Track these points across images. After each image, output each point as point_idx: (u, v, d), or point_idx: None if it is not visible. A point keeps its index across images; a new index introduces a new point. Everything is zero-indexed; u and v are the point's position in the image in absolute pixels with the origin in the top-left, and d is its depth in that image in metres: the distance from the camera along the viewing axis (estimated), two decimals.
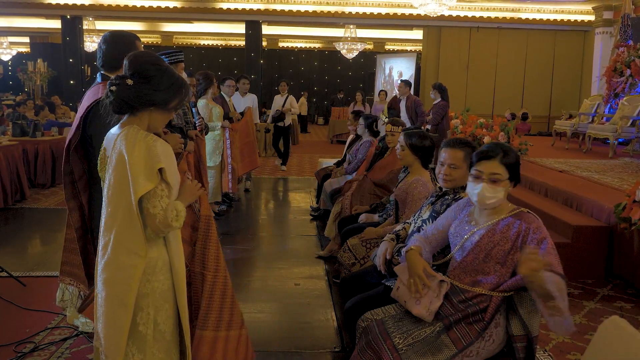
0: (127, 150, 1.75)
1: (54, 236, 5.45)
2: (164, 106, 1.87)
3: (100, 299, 1.83)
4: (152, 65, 1.84)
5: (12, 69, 19.60)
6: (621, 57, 9.12)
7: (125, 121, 1.86)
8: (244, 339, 2.23)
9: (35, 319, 3.30)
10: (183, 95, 1.90)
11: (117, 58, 2.34)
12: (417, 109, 7.94)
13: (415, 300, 2.01)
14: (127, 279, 1.78)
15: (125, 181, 1.75)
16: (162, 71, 1.85)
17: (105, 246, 1.81)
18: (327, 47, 20.44)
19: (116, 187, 1.79)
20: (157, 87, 1.83)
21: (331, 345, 3.05)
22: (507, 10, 13.64)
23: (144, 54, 1.90)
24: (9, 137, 7.36)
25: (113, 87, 1.80)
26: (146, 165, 1.75)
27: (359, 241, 3.27)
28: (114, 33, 2.60)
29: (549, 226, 4.60)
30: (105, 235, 1.81)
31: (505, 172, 1.98)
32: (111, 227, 1.80)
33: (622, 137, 7.87)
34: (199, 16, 14.15)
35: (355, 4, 13.45)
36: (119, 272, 1.78)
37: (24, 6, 13.17)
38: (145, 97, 1.81)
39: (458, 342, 1.94)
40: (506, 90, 14.27)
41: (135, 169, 1.74)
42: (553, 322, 1.72)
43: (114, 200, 1.80)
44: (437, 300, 2.00)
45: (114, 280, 1.79)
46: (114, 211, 1.79)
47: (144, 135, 1.80)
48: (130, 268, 1.78)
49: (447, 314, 2.00)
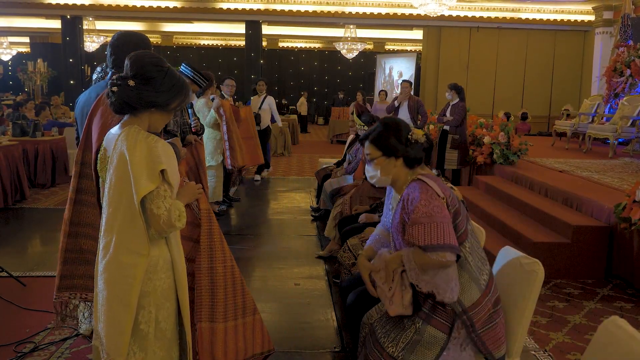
0: (129, 151, 1.76)
1: (54, 236, 5.45)
2: (165, 107, 1.87)
3: (101, 299, 1.83)
4: (154, 67, 1.84)
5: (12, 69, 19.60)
6: (621, 57, 9.12)
7: (126, 121, 1.86)
8: (259, 323, 2.29)
9: (35, 319, 3.30)
10: (184, 96, 1.92)
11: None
12: (420, 109, 7.95)
13: (388, 301, 2.01)
14: (129, 278, 1.78)
15: (126, 181, 1.76)
16: (164, 72, 1.86)
17: (107, 246, 1.81)
18: (327, 47, 20.45)
19: (117, 187, 1.79)
20: (158, 88, 1.83)
21: (331, 345, 3.05)
22: (507, 10, 13.65)
23: (146, 55, 1.90)
24: (9, 137, 7.36)
25: (115, 87, 1.81)
26: (148, 165, 1.76)
27: (359, 241, 3.27)
28: (124, 33, 2.61)
29: (549, 226, 4.62)
30: (107, 236, 1.82)
31: (375, 150, 2.07)
32: (112, 227, 1.80)
33: (622, 137, 7.87)
34: (199, 16, 14.15)
35: (355, 4, 13.45)
36: (120, 272, 1.79)
37: (24, 6, 13.17)
38: (146, 99, 1.82)
39: (442, 326, 1.94)
40: (506, 90, 14.27)
41: (137, 169, 1.74)
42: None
43: (114, 200, 1.80)
44: (407, 291, 1.99)
45: (114, 280, 1.79)
46: (114, 211, 1.80)
47: (145, 135, 1.80)
48: (131, 267, 1.78)
49: (422, 300, 2.00)
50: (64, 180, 7.97)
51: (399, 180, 2.08)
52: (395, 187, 2.12)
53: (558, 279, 4.20)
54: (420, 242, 1.88)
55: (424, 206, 1.89)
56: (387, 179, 2.08)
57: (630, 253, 4.05)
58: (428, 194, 1.92)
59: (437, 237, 1.86)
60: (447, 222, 1.90)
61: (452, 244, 1.88)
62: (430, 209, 1.89)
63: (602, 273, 4.29)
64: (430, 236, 1.87)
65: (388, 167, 2.06)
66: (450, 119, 7.06)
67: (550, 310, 3.61)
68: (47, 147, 7.71)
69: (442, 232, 1.87)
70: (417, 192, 1.93)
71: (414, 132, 2.07)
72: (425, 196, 1.91)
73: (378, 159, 2.06)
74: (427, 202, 1.90)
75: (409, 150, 2.04)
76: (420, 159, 2.08)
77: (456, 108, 7.05)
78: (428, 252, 1.88)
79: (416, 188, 1.95)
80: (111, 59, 2.58)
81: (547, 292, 3.92)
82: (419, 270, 1.94)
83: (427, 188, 1.94)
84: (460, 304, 1.93)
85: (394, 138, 2.04)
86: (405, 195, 1.98)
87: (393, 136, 2.05)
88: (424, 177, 2.01)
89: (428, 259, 1.89)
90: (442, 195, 1.95)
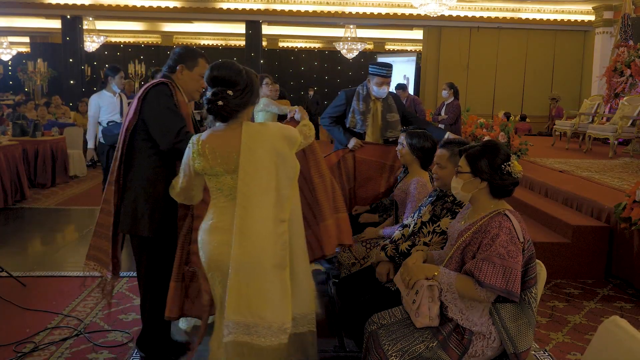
0: (281, 146, 2.10)
1: (54, 236, 5.45)
2: (254, 101, 2.16)
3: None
4: (239, 73, 2.08)
5: (12, 69, 19.58)
6: (621, 57, 9.12)
7: (233, 125, 2.10)
8: (345, 218, 2.68)
9: (35, 319, 3.30)
10: (258, 87, 2.19)
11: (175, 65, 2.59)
12: (417, 108, 7.96)
13: (414, 313, 2.02)
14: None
15: (287, 166, 2.10)
16: (245, 74, 2.10)
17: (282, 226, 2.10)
18: (327, 47, 20.43)
19: (285, 176, 2.10)
20: (247, 89, 2.09)
21: (330, 345, 3.05)
22: (507, 10, 13.64)
23: (229, 65, 2.10)
24: (9, 137, 7.36)
25: (219, 102, 2.03)
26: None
27: (359, 241, 3.27)
28: (184, 46, 2.75)
29: (549, 226, 4.62)
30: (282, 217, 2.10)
31: (466, 165, 2.05)
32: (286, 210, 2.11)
33: (622, 137, 7.87)
34: (199, 16, 14.14)
35: (355, 4, 13.45)
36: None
37: (24, 6, 13.16)
38: (246, 99, 2.09)
39: (454, 354, 1.95)
40: (506, 90, 14.26)
41: (288, 155, 2.11)
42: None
43: (287, 185, 2.10)
44: (434, 304, 1.99)
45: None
46: (289, 194, 2.11)
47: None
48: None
49: (449, 318, 2.01)
50: (63, 180, 7.98)
51: (477, 202, 2.06)
52: (474, 209, 2.09)
53: (558, 279, 4.20)
54: (481, 278, 1.89)
55: (502, 247, 1.90)
56: (467, 196, 2.07)
57: (630, 253, 4.05)
58: (510, 235, 1.92)
59: (501, 281, 1.88)
60: (518, 268, 1.90)
61: (513, 291, 1.89)
62: (506, 252, 1.89)
63: (602, 273, 4.29)
64: (496, 277, 1.88)
65: (470, 186, 2.04)
66: (444, 117, 7.12)
67: (551, 310, 3.61)
68: (47, 147, 7.71)
69: (509, 277, 1.88)
70: (500, 231, 1.93)
71: (511, 163, 2.01)
72: (507, 238, 1.91)
73: (464, 174, 2.04)
74: (506, 243, 1.90)
75: (496, 178, 2.00)
76: (506, 192, 2.04)
77: (451, 107, 7.11)
78: (483, 288, 1.90)
79: (502, 226, 1.94)
80: (167, 64, 2.66)
81: (547, 292, 3.92)
82: (457, 294, 1.97)
83: (510, 229, 1.94)
84: (514, 345, 1.94)
85: (486, 160, 2.01)
86: (486, 226, 1.97)
87: (487, 158, 2.01)
88: (510, 213, 2.00)
89: (475, 292, 1.92)
90: (522, 239, 1.95)
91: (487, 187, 2.02)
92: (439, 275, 2.00)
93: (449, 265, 2.07)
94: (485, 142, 2.10)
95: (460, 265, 2.03)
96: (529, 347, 1.97)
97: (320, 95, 21.94)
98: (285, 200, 2.10)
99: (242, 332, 2.01)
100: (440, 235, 2.52)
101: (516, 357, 1.94)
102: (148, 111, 2.46)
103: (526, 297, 1.96)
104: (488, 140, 2.17)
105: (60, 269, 4.29)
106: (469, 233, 2.02)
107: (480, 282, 1.89)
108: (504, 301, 1.96)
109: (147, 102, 2.47)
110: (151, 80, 2.69)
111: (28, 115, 8.91)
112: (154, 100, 2.46)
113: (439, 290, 2.00)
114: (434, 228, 2.54)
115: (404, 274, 2.08)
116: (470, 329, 1.96)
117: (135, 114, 2.48)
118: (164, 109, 2.43)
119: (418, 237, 2.57)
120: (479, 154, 2.03)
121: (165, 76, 2.57)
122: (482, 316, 1.97)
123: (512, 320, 1.95)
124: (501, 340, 1.96)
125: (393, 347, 1.98)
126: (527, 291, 1.96)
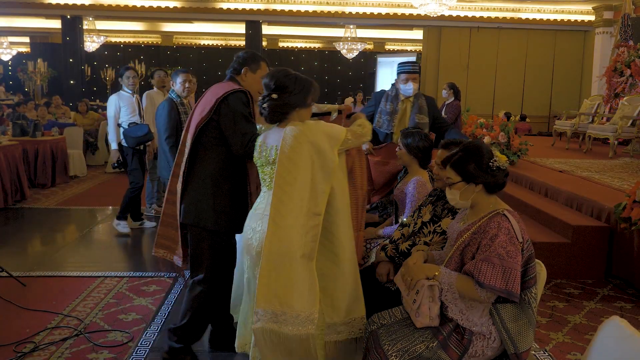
0: (320, 142, 2.21)
1: (54, 236, 5.45)
2: (305, 104, 2.32)
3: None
4: (285, 77, 2.28)
5: (12, 69, 19.59)
6: (621, 57, 9.13)
7: (283, 124, 2.29)
8: (361, 238, 2.72)
9: (35, 319, 3.30)
10: (313, 91, 2.35)
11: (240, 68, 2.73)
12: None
13: (415, 313, 2.02)
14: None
15: (325, 161, 2.19)
16: (294, 79, 2.29)
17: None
18: (327, 47, 20.43)
19: (326, 171, 2.20)
20: (294, 92, 2.28)
21: None
22: (507, 10, 13.63)
23: (277, 71, 2.32)
24: (9, 137, 7.36)
25: (265, 104, 2.27)
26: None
27: None
28: (248, 50, 2.89)
29: (549, 226, 4.62)
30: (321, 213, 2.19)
31: (455, 176, 2.04)
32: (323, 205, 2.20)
33: (622, 137, 7.87)
34: (199, 16, 14.14)
35: (355, 4, 13.45)
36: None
37: (24, 6, 13.16)
38: (290, 102, 2.27)
39: (454, 354, 1.96)
40: (506, 90, 14.26)
41: (327, 151, 2.22)
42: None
43: (323, 179, 2.20)
44: (434, 304, 1.99)
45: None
46: (325, 188, 2.21)
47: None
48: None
49: (449, 318, 2.01)
50: (63, 180, 7.98)
51: (478, 204, 2.06)
52: (473, 209, 2.09)
53: (558, 279, 4.20)
54: (481, 279, 1.89)
55: (501, 247, 1.90)
56: (467, 203, 2.07)
57: (630, 253, 4.05)
58: (509, 235, 1.93)
59: (501, 281, 1.88)
60: (517, 269, 1.91)
61: (513, 291, 1.89)
62: (506, 252, 1.90)
63: (602, 273, 4.29)
64: (495, 278, 1.88)
65: (467, 193, 2.04)
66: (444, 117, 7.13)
67: (551, 310, 3.61)
68: (47, 147, 7.71)
69: (509, 277, 1.88)
70: (499, 231, 1.93)
71: (496, 158, 2.02)
72: (505, 238, 1.92)
73: (457, 184, 2.04)
74: (505, 244, 1.91)
75: (488, 178, 2.01)
76: (501, 185, 2.05)
77: (451, 107, 7.12)
78: (483, 289, 1.90)
79: (501, 227, 1.94)
80: (231, 66, 2.76)
81: (547, 292, 3.92)
82: (457, 295, 1.98)
83: (509, 229, 1.94)
84: (514, 345, 1.94)
85: (474, 164, 2.01)
86: (485, 226, 1.97)
87: (473, 162, 2.01)
88: (509, 213, 2.00)
89: (476, 293, 1.92)
90: (521, 239, 1.95)
91: (482, 188, 2.03)
92: (440, 275, 2.00)
93: (448, 265, 2.07)
94: (463, 146, 2.09)
95: (459, 266, 2.03)
96: (529, 347, 1.98)
97: (320, 95, 21.92)
98: (320, 194, 2.18)
99: (271, 320, 2.07)
100: (440, 235, 2.52)
101: (517, 357, 1.94)
102: (226, 114, 2.53)
103: (526, 297, 1.96)
104: (466, 143, 2.15)
105: (60, 269, 4.29)
106: (468, 234, 2.02)
107: (480, 283, 1.90)
108: (504, 301, 1.96)
109: (226, 106, 2.54)
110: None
111: (28, 115, 8.90)
112: (234, 105, 2.53)
113: (439, 290, 2.00)
114: (435, 228, 2.54)
115: (405, 274, 2.08)
116: (471, 329, 1.97)
117: (209, 114, 2.55)
118: (242, 115, 2.52)
119: (418, 237, 2.57)
120: (464, 160, 2.03)
121: (231, 78, 2.70)
122: (482, 316, 1.98)
123: (513, 320, 1.95)
124: (502, 341, 1.96)
125: (393, 347, 1.98)
126: (527, 291, 1.97)
